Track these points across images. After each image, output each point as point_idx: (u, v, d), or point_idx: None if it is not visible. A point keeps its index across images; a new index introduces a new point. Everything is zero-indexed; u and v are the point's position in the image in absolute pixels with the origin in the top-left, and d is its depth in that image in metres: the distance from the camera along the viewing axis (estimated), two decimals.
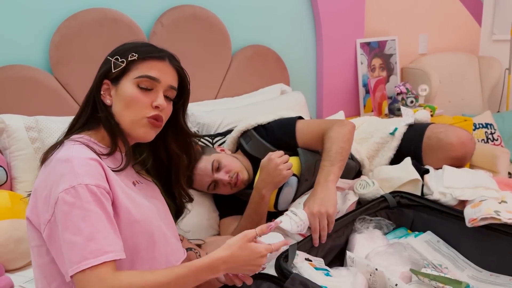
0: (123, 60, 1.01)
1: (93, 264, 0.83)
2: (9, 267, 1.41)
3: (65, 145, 0.97)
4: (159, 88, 1.02)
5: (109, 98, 1.03)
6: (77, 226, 0.85)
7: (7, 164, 1.68)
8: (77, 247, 0.84)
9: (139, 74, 1.00)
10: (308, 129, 1.61)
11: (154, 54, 1.03)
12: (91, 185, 0.87)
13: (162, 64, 1.03)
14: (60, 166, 0.90)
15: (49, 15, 1.82)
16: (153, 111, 1.01)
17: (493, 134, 2.98)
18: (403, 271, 1.16)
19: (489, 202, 1.29)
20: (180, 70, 1.09)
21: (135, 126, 1.01)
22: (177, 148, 1.15)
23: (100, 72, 1.04)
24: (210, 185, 1.57)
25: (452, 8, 3.28)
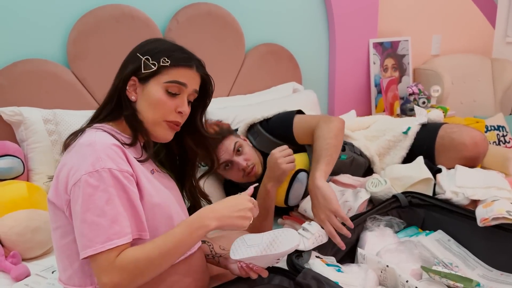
0: (154, 62, 1.03)
1: (118, 244, 0.87)
2: (25, 256, 1.44)
3: (87, 131, 1.00)
4: (185, 93, 1.06)
5: (134, 94, 1.05)
6: (100, 208, 0.88)
7: (24, 156, 1.72)
8: (102, 228, 0.87)
9: (169, 79, 1.03)
10: (303, 124, 1.62)
11: (185, 62, 1.06)
12: (114, 170, 0.90)
13: (191, 71, 1.07)
14: (83, 150, 0.93)
15: (67, 11, 1.86)
16: (176, 116, 1.05)
17: (505, 136, 2.96)
18: (413, 268, 1.17)
19: (501, 202, 1.29)
20: (206, 77, 1.12)
21: (156, 127, 1.05)
22: (193, 145, 1.18)
23: (129, 69, 1.05)
24: (225, 163, 1.60)
25: (465, 10, 3.27)
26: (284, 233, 1.03)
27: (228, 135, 1.62)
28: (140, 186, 0.97)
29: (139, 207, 0.94)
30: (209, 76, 1.13)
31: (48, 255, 1.49)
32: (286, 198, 1.50)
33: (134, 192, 0.94)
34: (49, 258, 1.46)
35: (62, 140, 1.66)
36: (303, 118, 1.66)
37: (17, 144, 1.74)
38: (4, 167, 1.62)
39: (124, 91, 1.05)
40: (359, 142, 1.80)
